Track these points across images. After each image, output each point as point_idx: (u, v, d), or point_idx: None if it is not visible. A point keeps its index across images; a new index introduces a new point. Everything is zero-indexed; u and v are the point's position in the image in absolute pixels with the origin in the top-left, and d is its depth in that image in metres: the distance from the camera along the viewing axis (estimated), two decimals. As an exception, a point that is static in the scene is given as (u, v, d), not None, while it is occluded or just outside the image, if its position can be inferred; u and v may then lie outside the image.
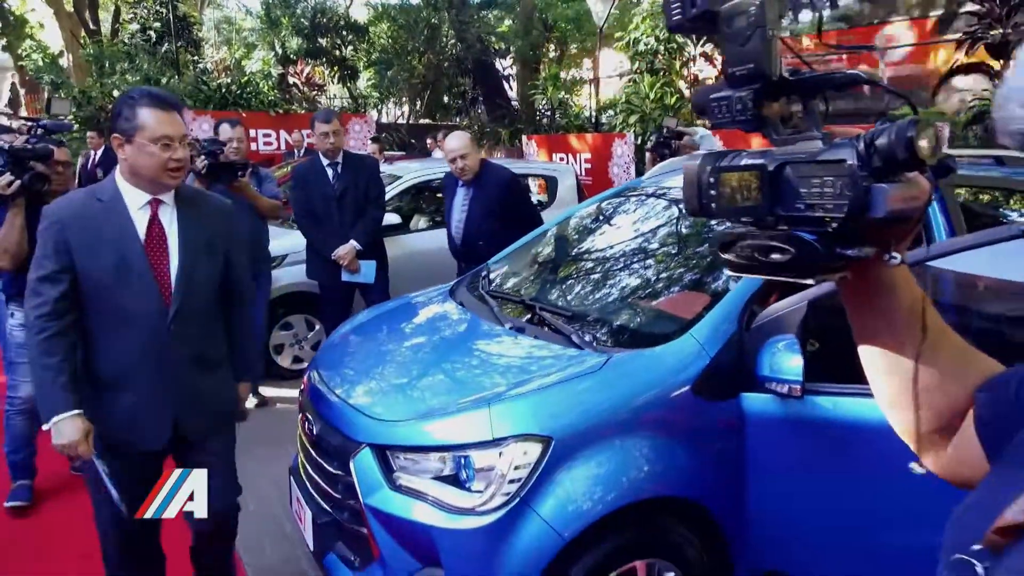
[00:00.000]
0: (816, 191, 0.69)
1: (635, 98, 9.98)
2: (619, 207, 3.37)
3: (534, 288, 3.04)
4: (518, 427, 2.02)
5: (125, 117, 2.01)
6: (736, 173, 0.75)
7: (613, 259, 2.96)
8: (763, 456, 2.21)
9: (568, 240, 3.36)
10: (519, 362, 2.39)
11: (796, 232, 0.71)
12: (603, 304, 2.68)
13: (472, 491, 2.01)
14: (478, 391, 2.20)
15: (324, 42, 14.47)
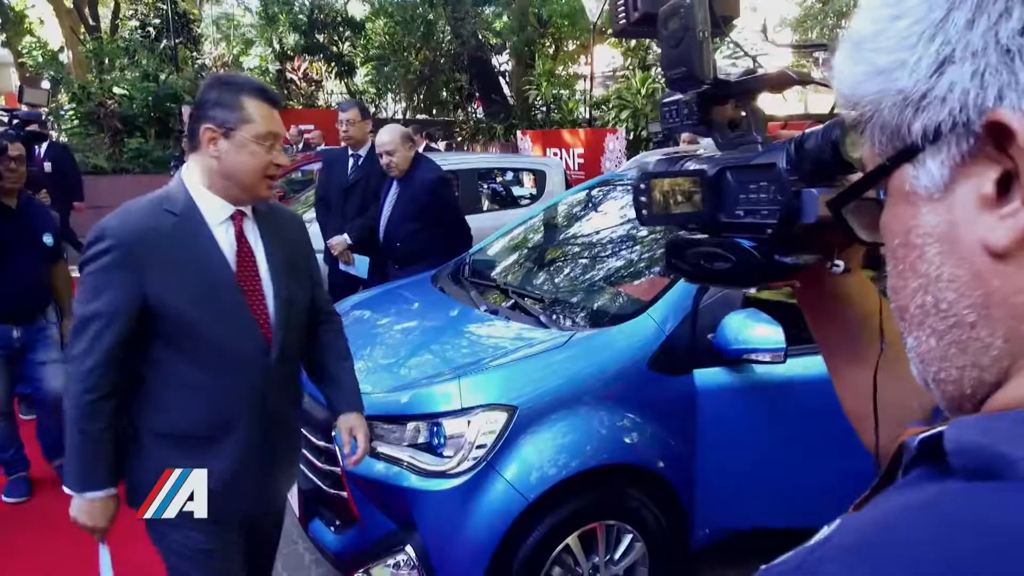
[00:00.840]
0: (753, 196, 0.67)
1: (627, 93, 10.15)
2: (593, 198, 3.54)
3: (509, 274, 3.22)
4: (485, 397, 2.20)
5: (225, 105, 1.59)
6: (676, 179, 0.73)
7: (583, 247, 3.14)
8: (713, 424, 2.40)
9: (545, 229, 3.54)
10: (490, 341, 2.56)
11: (735, 239, 0.70)
12: (570, 288, 2.86)
13: (443, 456, 2.19)
14: (451, 367, 2.38)
15: (321, 38, 14.64)
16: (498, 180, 7.87)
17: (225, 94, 1.60)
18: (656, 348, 2.36)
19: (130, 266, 1.54)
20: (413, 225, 3.82)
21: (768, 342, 2.21)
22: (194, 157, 1.64)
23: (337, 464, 2.36)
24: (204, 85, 1.66)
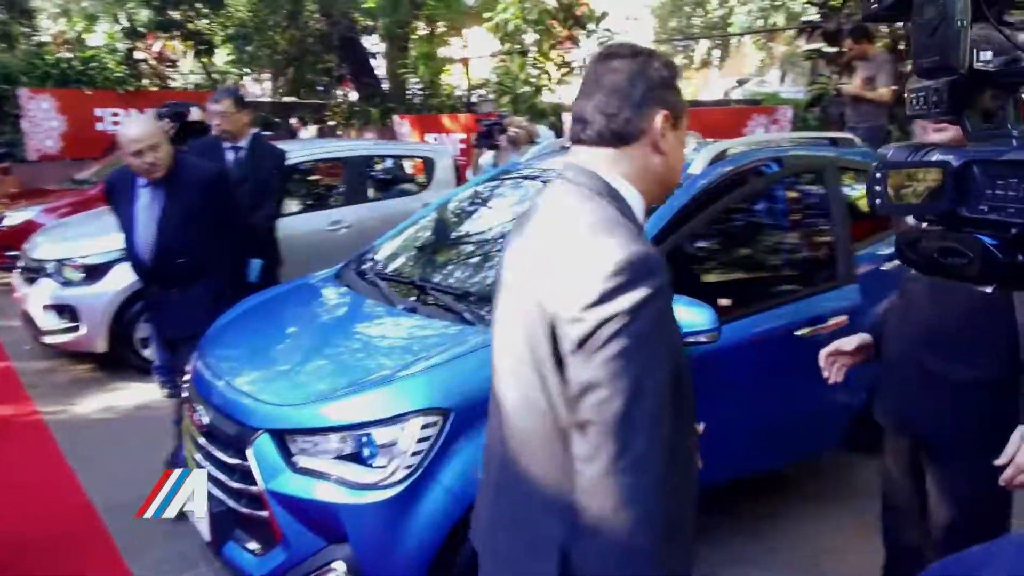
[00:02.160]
0: (1000, 193, 0.64)
1: (506, 79, 10.13)
2: (501, 189, 3.49)
3: (423, 269, 3.11)
4: (418, 402, 2.10)
5: (677, 89, 1.27)
6: (916, 169, 0.71)
7: (497, 239, 3.08)
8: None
9: (453, 221, 3.45)
10: (414, 340, 2.46)
11: (976, 235, 0.67)
12: (492, 282, 2.80)
13: (375, 467, 2.08)
14: (376, 370, 2.26)
15: (176, 14, 13.59)
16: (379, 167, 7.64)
17: (672, 72, 1.26)
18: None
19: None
20: (197, 233, 3.07)
21: (703, 324, 2.26)
22: (621, 153, 1.22)
23: (255, 483, 2.19)
24: (642, 58, 1.22)
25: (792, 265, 3.26)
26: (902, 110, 6.60)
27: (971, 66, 0.68)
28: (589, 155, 1.23)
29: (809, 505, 3.18)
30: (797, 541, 2.93)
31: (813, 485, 3.34)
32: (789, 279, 3.12)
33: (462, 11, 13.18)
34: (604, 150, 1.21)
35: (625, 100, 1.19)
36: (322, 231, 5.68)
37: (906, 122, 6.32)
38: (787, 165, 3.31)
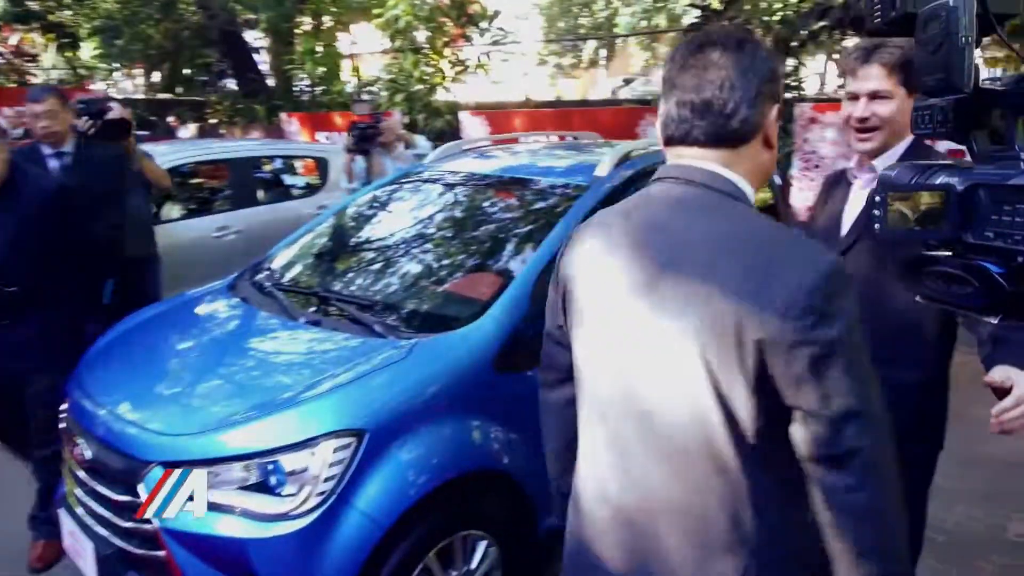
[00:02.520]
0: (1007, 219, 0.61)
1: (400, 76, 9.94)
2: (403, 192, 3.38)
3: (326, 279, 2.96)
4: (329, 424, 1.98)
5: (780, 79, 1.20)
6: (920, 193, 0.67)
7: (403, 245, 2.97)
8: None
9: (355, 227, 3.31)
10: (320, 356, 2.32)
11: (980, 263, 0.64)
12: (401, 291, 2.69)
13: (284, 496, 1.94)
14: (281, 391, 2.11)
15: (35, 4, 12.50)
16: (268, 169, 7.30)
17: (775, 62, 1.16)
18: (499, 348, 2.30)
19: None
20: (29, 258, 2.67)
21: None
22: (738, 152, 1.13)
23: (149, 521, 2.00)
24: (749, 49, 1.12)
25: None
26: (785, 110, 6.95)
27: (976, 85, 0.66)
28: (703, 155, 1.14)
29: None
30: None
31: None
32: None
33: (349, 6, 12.84)
34: (719, 151, 1.13)
35: (741, 96, 1.10)
36: (207, 238, 5.36)
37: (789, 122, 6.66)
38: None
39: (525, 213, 2.90)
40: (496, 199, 3.07)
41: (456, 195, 3.19)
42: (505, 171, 3.23)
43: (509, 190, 3.06)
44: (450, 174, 3.32)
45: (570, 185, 2.86)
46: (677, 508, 1.10)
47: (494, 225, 2.90)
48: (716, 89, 1.10)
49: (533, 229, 2.75)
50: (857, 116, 1.74)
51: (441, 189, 3.26)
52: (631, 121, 7.12)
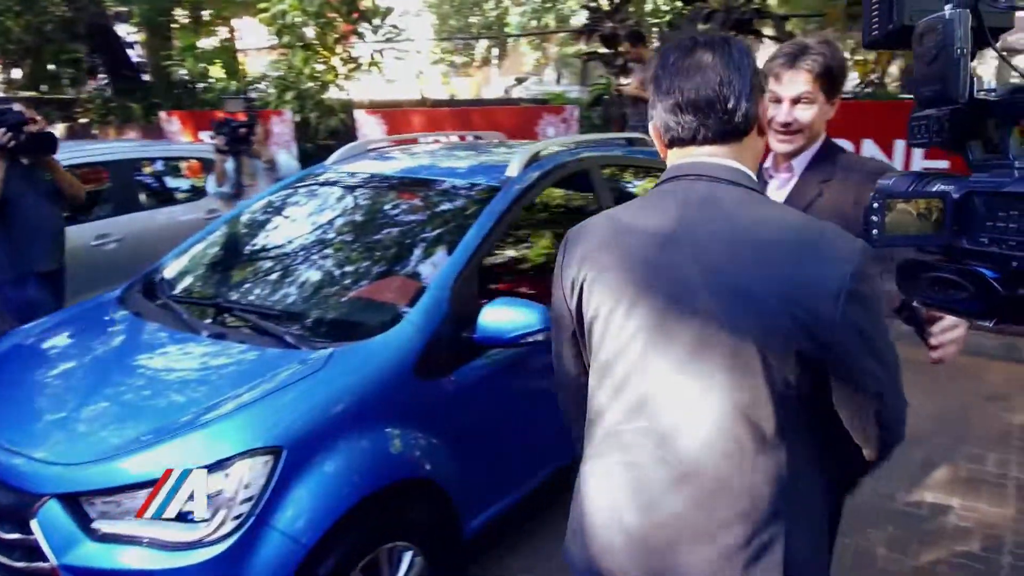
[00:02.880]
0: (1002, 225, 0.62)
1: (289, 73, 9.60)
2: (306, 195, 3.25)
3: (227, 288, 2.81)
4: (244, 443, 1.88)
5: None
6: (916, 200, 0.68)
7: (310, 250, 2.86)
8: (469, 415, 2.43)
9: (256, 233, 3.15)
10: (228, 371, 2.20)
11: (976, 268, 0.65)
12: (311, 299, 2.59)
13: (197, 522, 1.83)
14: (188, 410, 1.99)
15: None
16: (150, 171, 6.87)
17: (753, 55, 1.22)
18: (419, 354, 2.26)
19: None
20: None
21: (536, 322, 2.26)
22: (741, 144, 1.21)
23: (43, 558, 1.83)
24: (730, 46, 1.19)
25: None
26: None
27: (971, 95, 0.68)
28: (714, 152, 1.20)
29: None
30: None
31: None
32: None
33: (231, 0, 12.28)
34: (728, 145, 1.20)
35: (740, 92, 1.17)
36: (86, 247, 4.99)
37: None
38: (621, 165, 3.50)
39: (436, 215, 2.86)
40: (405, 201, 3.01)
41: (363, 197, 3.11)
42: (413, 172, 3.18)
43: (418, 191, 3.01)
44: (354, 175, 3.24)
45: (481, 186, 2.85)
46: (724, 488, 1.14)
47: (405, 228, 2.84)
48: (716, 88, 1.16)
49: (446, 231, 2.71)
50: (780, 120, 1.79)
51: (346, 191, 3.16)
52: (530, 120, 7.19)
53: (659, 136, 1.27)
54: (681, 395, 1.16)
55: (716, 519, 1.14)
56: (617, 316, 1.21)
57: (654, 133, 1.28)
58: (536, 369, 2.70)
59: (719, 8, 7.27)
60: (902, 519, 3.00)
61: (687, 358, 1.15)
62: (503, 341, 2.32)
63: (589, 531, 1.27)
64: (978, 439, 3.61)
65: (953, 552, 2.79)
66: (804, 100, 1.74)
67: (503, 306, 2.33)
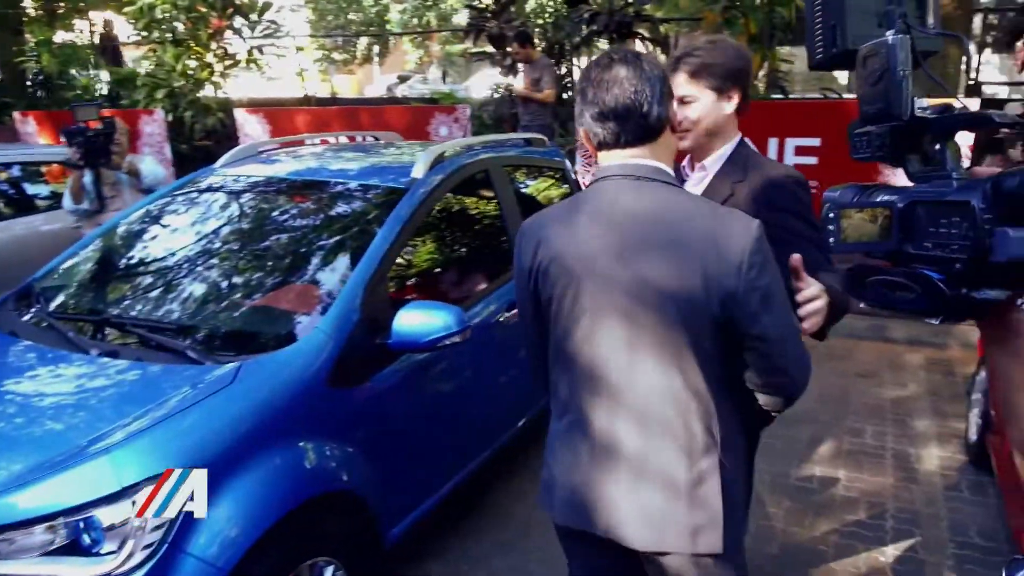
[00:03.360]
0: (944, 231, 0.68)
1: (160, 70, 9.05)
2: (197, 200, 3.08)
3: (117, 303, 2.62)
4: (151, 467, 1.77)
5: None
6: (865, 210, 0.73)
7: (208, 259, 2.72)
8: (386, 421, 2.41)
9: (147, 241, 2.95)
10: (127, 391, 2.05)
11: (922, 270, 0.71)
12: (211, 311, 2.46)
13: (104, 554, 1.70)
14: (86, 436, 1.84)
15: None
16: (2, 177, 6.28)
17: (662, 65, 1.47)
18: (332, 363, 2.20)
19: None
20: None
21: (453, 325, 2.25)
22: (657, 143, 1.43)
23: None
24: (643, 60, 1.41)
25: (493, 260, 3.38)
26: (563, 109, 7.35)
27: (912, 113, 0.74)
28: (635, 153, 1.41)
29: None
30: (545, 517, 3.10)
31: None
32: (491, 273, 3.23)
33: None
34: (645, 147, 1.41)
35: (651, 98, 1.37)
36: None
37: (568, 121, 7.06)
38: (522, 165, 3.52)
39: (341, 218, 2.79)
40: (308, 205, 2.91)
41: (261, 201, 2.98)
42: (314, 174, 3.08)
43: (321, 195, 2.91)
44: (249, 179, 3.10)
45: (386, 188, 2.80)
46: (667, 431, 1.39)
47: (309, 233, 2.75)
48: (632, 97, 1.37)
49: (353, 235, 2.65)
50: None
51: (242, 195, 3.02)
52: (422, 120, 7.13)
53: (588, 140, 1.46)
54: (625, 360, 1.39)
55: (665, 456, 1.39)
56: (567, 298, 1.43)
57: (584, 137, 1.47)
58: (451, 369, 2.71)
59: (601, 11, 7.48)
60: (796, 493, 3.21)
61: (627, 331, 1.38)
62: (419, 345, 2.30)
63: (559, 484, 1.51)
64: (856, 414, 3.92)
65: (844, 521, 3.02)
66: (687, 100, 1.82)
67: (417, 310, 2.31)
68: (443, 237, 3.17)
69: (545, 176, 4.01)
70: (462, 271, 3.23)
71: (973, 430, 3.40)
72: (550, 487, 1.55)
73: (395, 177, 2.86)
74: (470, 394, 2.87)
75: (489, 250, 3.41)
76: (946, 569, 2.72)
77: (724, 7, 6.43)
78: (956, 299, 0.71)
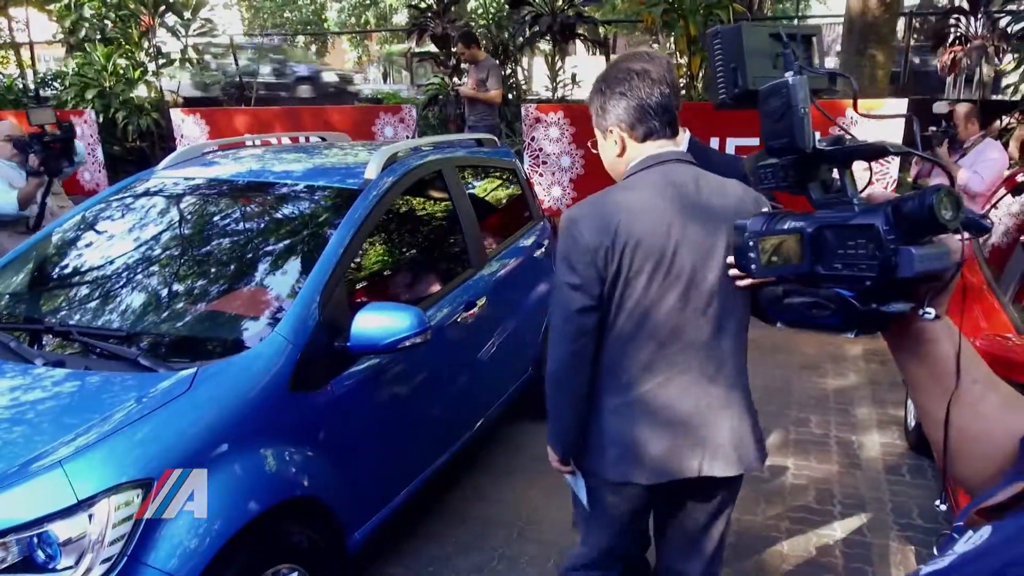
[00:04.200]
0: (852, 252, 0.73)
1: (89, 70, 8.71)
2: (141, 203, 2.98)
3: (60, 310, 2.51)
4: (107, 478, 1.71)
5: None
6: (778, 237, 0.79)
7: (156, 263, 2.64)
8: (347, 424, 2.38)
9: (88, 246, 2.84)
10: (78, 401, 1.98)
11: (835, 290, 0.76)
12: (163, 316, 2.38)
13: (60, 571, 1.64)
14: (36, 450, 1.76)
15: None
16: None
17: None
18: (293, 367, 2.16)
19: None
20: None
21: (414, 326, 2.24)
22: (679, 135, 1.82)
23: None
24: (663, 60, 1.73)
25: (448, 260, 3.39)
26: (509, 109, 7.39)
27: (814, 147, 0.81)
28: (672, 141, 1.70)
29: (505, 479, 3.39)
30: (504, 515, 3.11)
31: (503, 458, 3.57)
32: (446, 273, 3.24)
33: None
34: (675, 137, 1.71)
35: (674, 95, 1.67)
36: None
37: (514, 121, 7.09)
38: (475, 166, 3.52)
39: (294, 220, 2.75)
40: (258, 207, 2.86)
41: (209, 204, 2.91)
42: (263, 176, 3.01)
43: (272, 197, 2.86)
44: (194, 181, 3.02)
45: (341, 189, 2.77)
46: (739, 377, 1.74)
47: (261, 236, 2.70)
48: (663, 93, 1.64)
49: (307, 237, 2.61)
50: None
51: (188, 197, 2.94)
52: (367, 120, 7.05)
53: (621, 130, 1.69)
54: (712, 319, 1.65)
55: (734, 394, 1.72)
56: (658, 271, 1.61)
57: (615, 127, 1.69)
58: (411, 371, 2.70)
59: (543, 12, 7.54)
60: (748, 482, 3.27)
61: (710, 293, 1.64)
62: (379, 348, 2.28)
63: (645, 447, 1.69)
64: (800, 405, 4.06)
65: (793, 507, 3.13)
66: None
67: (376, 312, 2.29)
68: (398, 238, 3.15)
69: (494, 176, 4.02)
70: (418, 272, 3.21)
71: (911, 417, 3.56)
72: (629, 455, 1.70)
73: (349, 178, 2.83)
74: (430, 396, 2.86)
75: (444, 251, 3.40)
76: (891, 549, 2.85)
77: (664, 10, 6.56)
78: (868, 314, 0.76)
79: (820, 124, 0.86)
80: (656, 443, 1.68)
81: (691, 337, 1.65)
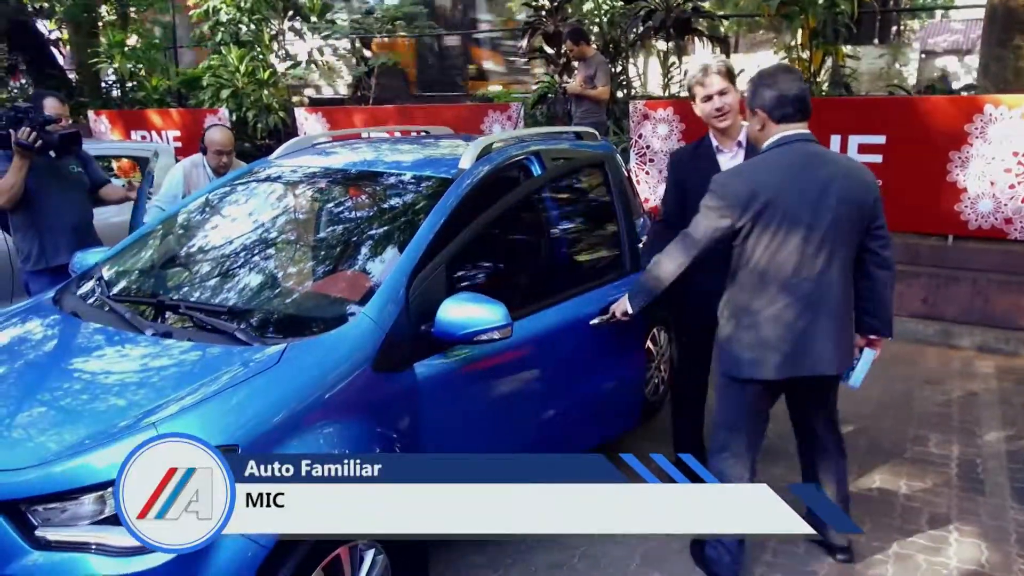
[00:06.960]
0: None
1: (224, 71, 9.32)
2: (252, 189, 3.15)
3: (171, 286, 2.69)
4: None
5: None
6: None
7: (260, 245, 2.77)
8: (433, 412, 2.38)
9: (201, 229, 3.03)
10: (177, 371, 2.10)
11: None
12: (262, 294, 2.51)
13: (151, 525, 1.74)
14: (137, 411, 1.89)
15: None
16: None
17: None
18: (378, 348, 2.20)
19: None
20: None
21: (495, 320, 2.23)
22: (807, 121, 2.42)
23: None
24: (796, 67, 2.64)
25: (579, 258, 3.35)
26: (617, 107, 7.29)
27: None
28: (804, 126, 2.36)
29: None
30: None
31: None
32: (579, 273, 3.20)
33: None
34: (804, 121, 2.37)
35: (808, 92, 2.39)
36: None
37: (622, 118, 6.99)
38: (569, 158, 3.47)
39: (388, 208, 2.81)
40: (356, 194, 2.95)
41: (312, 191, 3.03)
42: (363, 165, 3.10)
43: (369, 185, 2.94)
44: (302, 170, 3.15)
45: (434, 178, 2.81)
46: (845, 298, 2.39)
47: (357, 221, 2.78)
48: (802, 87, 2.35)
49: (400, 224, 2.66)
50: (716, 107, 2.76)
51: (294, 185, 3.08)
52: (476, 118, 7.17)
53: (764, 113, 2.36)
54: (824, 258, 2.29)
55: (841, 312, 2.37)
56: (788, 224, 2.26)
57: (760, 111, 2.36)
58: (504, 370, 2.64)
59: (658, 8, 7.37)
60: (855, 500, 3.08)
61: (829, 244, 2.28)
62: (455, 338, 2.28)
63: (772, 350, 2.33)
64: (920, 422, 3.75)
65: (904, 530, 2.88)
66: (725, 91, 2.73)
67: (463, 302, 2.29)
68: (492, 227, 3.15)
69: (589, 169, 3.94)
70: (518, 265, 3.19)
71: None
72: (761, 357, 2.34)
73: (443, 168, 2.86)
74: (514, 407, 2.75)
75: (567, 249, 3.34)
76: (1014, 585, 2.58)
77: (781, 2, 6.26)
78: None
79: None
80: (778, 347, 2.32)
81: (808, 271, 2.27)
